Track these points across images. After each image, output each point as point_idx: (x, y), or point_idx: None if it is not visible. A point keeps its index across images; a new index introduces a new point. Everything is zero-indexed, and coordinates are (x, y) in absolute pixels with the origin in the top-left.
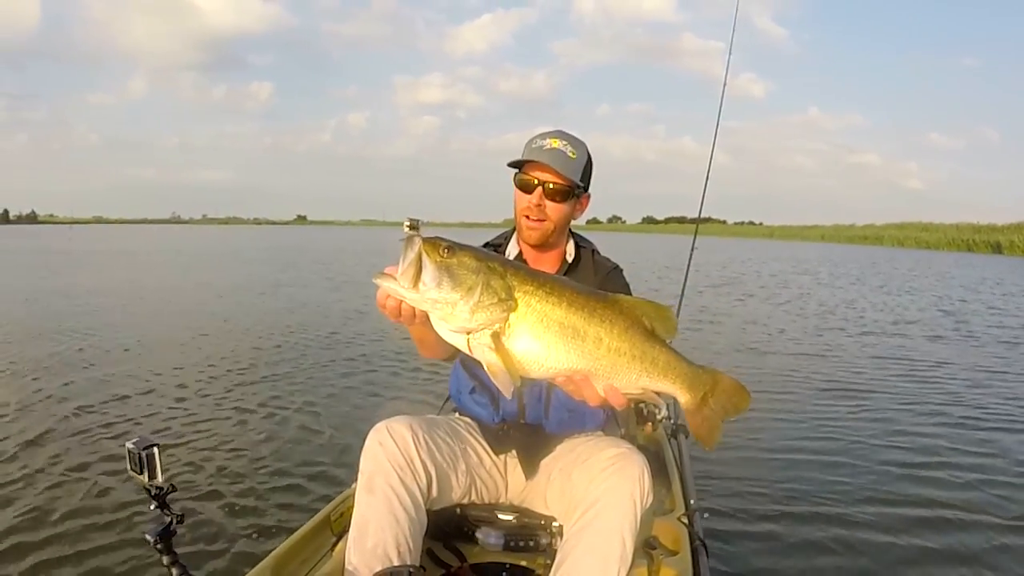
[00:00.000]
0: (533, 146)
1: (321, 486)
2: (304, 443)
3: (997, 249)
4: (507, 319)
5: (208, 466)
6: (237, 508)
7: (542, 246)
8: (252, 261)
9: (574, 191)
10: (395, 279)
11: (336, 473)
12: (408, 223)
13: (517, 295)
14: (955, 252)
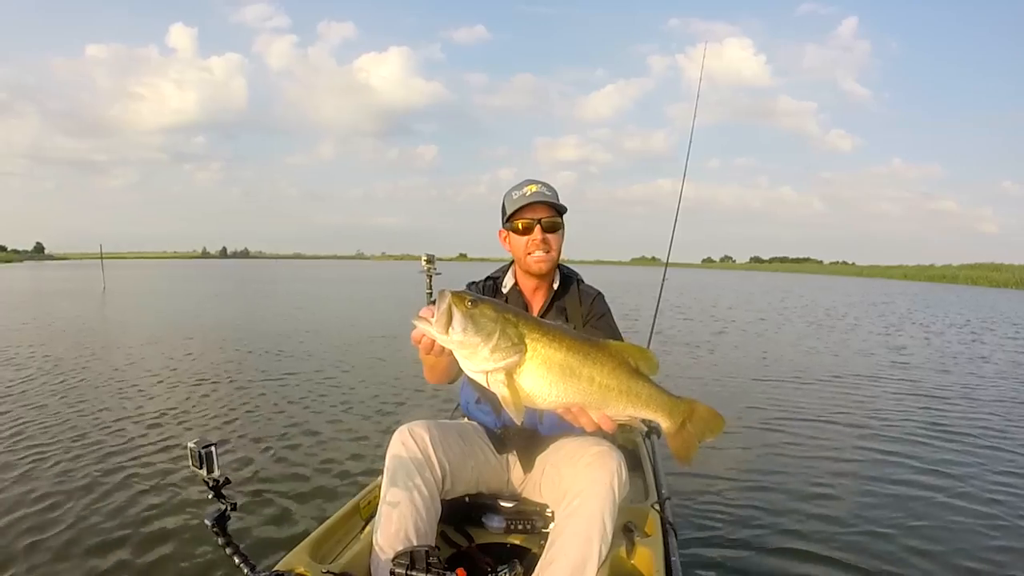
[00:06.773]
0: (515, 196)
1: (353, 478)
2: (339, 443)
3: None
4: (519, 360)
5: (258, 462)
6: (282, 497)
7: (544, 276)
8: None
9: (561, 222)
10: (430, 322)
11: (365, 468)
12: (425, 257)
13: (527, 341)
14: (1021, 291)
